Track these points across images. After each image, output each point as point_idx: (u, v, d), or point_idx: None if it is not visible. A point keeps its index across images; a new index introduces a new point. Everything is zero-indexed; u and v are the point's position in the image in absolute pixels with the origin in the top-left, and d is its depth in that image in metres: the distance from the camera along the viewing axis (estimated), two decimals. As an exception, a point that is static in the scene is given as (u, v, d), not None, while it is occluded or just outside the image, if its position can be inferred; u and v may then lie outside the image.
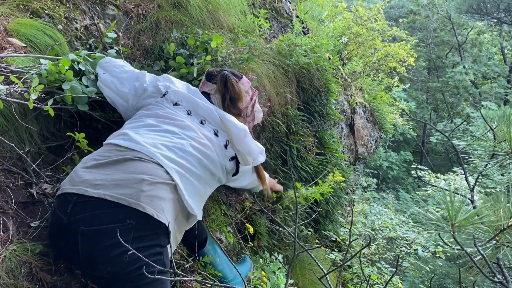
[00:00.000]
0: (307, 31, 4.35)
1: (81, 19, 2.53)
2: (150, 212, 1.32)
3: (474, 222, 1.04)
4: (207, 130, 1.75)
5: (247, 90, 2.00)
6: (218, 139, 1.75)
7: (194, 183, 1.57)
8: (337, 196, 3.80)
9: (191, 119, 1.76)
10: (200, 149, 1.64)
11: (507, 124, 1.40)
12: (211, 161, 1.67)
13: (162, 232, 1.37)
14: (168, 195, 1.43)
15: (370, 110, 5.37)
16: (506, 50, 18.23)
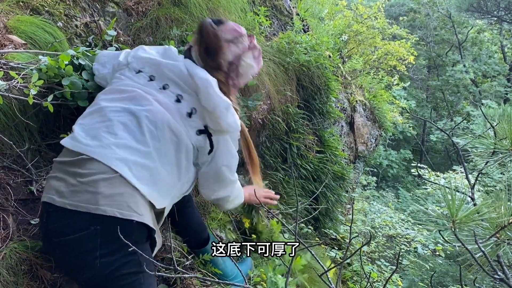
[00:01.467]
0: (307, 29, 4.35)
1: (81, 16, 2.53)
2: (112, 214, 1.25)
3: (475, 219, 1.03)
4: (166, 96, 1.52)
5: (231, 39, 1.60)
6: (179, 106, 1.50)
7: (148, 165, 1.37)
8: (337, 194, 3.80)
9: (151, 85, 1.54)
10: (151, 119, 1.42)
11: (508, 121, 1.40)
12: (169, 130, 1.44)
13: (134, 228, 1.28)
14: (127, 188, 1.31)
15: (370, 108, 5.37)
16: (506, 49, 18.22)
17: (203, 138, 1.52)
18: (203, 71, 1.54)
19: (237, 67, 1.61)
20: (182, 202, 2.00)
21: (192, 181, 1.63)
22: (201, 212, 2.51)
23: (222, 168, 1.60)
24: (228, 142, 1.58)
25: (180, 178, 1.51)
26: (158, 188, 1.40)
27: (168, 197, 1.49)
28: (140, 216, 1.30)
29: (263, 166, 3.22)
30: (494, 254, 1.10)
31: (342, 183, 3.93)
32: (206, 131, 1.52)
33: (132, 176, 1.32)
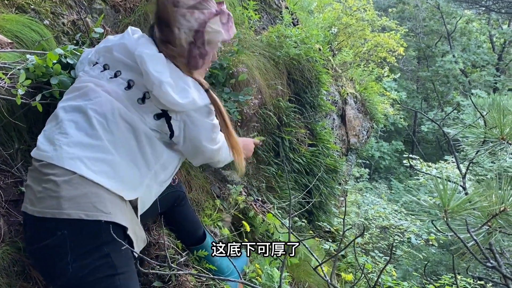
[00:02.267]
0: (296, 22, 4.34)
1: (68, 14, 2.50)
2: (77, 216, 1.21)
3: (467, 208, 1.04)
4: (116, 84, 1.42)
5: (194, 5, 1.42)
6: (130, 93, 1.41)
7: (105, 158, 1.30)
8: (330, 186, 3.81)
9: (104, 75, 1.45)
10: (99, 111, 1.35)
11: (498, 110, 1.41)
12: (122, 120, 1.36)
13: (103, 228, 1.23)
14: (90, 187, 1.25)
15: (361, 101, 5.38)
16: (495, 38, 18.35)
17: (162, 123, 1.44)
18: (145, 46, 1.42)
19: (203, 34, 1.44)
20: (176, 201, 1.99)
21: (171, 166, 1.56)
22: (195, 209, 2.51)
23: (200, 144, 1.53)
24: (195, 118, 1.47)
25: (150, 167, 1.44)
26: (122, 180, 1.33)
27: (139, 187, 1.41)
28: (108, 215, 1.25)
29: (256, 161, 3.22)
30: (487, 242, 1.11)
31: (334, 176, 3.94)
32: (164, 114, 1.43)
33: (89, 172, 1.26)
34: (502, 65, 17.79)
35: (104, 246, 1.25)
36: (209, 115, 1.52)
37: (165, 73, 1.39)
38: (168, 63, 1.44)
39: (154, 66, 1.38)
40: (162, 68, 1.40)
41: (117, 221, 1.27)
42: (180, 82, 1.42)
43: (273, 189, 3.23)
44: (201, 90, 1.48)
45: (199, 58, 1.48)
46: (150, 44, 1.45)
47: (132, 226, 1.37)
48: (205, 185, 2.71)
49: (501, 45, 18.31)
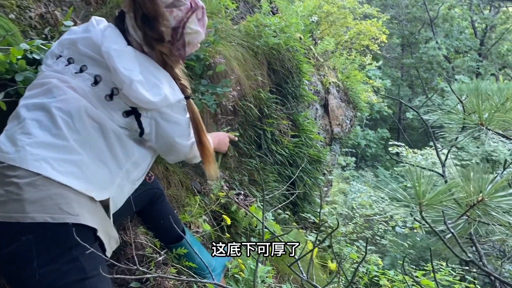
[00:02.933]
0: (276, 11, 4.27)
1: (36, 7, 2.40)
2: (42, 220, 1.14)
3: (443, 200, 1.00)
4: (82, 80, 1.34)
5: (172, 3, 1.38)
6: (97, 89, 1.34)
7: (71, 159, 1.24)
8: (314, 177, 3.78)
9: (68, 70, 1.37)
10: (64, 110, 1.27)
11: (476, 96, 1.37)
12: (88, 118, 1.30)
13: (71, 231, 1.15)
14: (56, 188, 1.19)
15: (344, 90, 5.35)
16: (477, 24, 18.50)
17: (131, 120, 1.38)
18: (112, 42, 1.35)
19: (183, 35, 1.41)
20: (152, 199, 1.93)
21: (143, 164, 1.50)
22: (174, 205, 2.45)
23: (173, 140, 1.48)
24: (168, 114, 1.42)
25: (121, 166, 1.38)
26: (91, 180, 1.27)
27: (110, 187, 1.36)
28: (76, 217, 1.19)
29: (237, 154, 3.16)
30: (466, 232, 1.08)
31: (318, 166, 3.91)
32: (133, 112, 1.37)
33: (55, 172, 1.19)
34: (484, 50, 17.96)
35: (73, 249, 1.19)
36: (183, 111, 1.47)
37: (135, 70, 1.32)
38: (138, 56, 1.38)
39: (123, 63, 1.31)
40: (132, 64, 1.33)
41: (85, 223, 1.21)
42: (152, 78, 1.36)
43: (255, 182, 3.18)
44: (175, 85, 1.43)
45: (176, 57, 1.45)
46: (117, 37, 1.38)
47: (103, 227, 1.32)
48: (185, 180, 2.65)
49: (482, 30, 18.47)
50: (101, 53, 1.34)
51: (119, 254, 1.98)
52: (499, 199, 1.00)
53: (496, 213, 0.98)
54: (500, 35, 17.50)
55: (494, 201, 1.00)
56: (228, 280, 2.34)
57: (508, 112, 1.26)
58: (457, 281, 2.86)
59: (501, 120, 1.26)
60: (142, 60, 1.38)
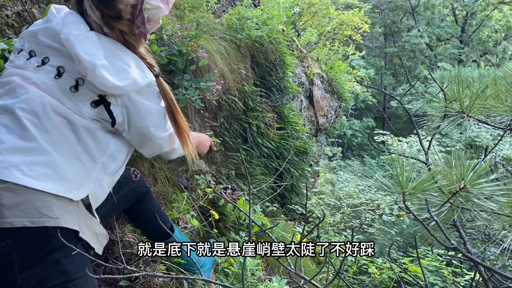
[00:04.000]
0: (257, 3, 4.25)
1: (12, 5, 2.35)
2: (21, 224, 1.11)
3: (425, 189, 1.01)
4: (45, 73, 1.28)
5: None
6: (61, 81, 1.26)
7: (43, 160, 1.20)
8: (300, 169, 3.79)
9: (30, 64, 1.30)
10: (29, 110, 1.22)
11: (457, 83, 1.38)
12: (55, 114, 1.24)
13: (51, 234, 1.14)
14: (32, 192, 1.16)
15: (328, 80, 5.36)
16: (457, 11, 18.69)
17: (101, 110, 1.30)
18: (71, 27, 1.28)
19: (142, 11, 1.33)
20: (139, 197, 1.91)
21: (121, 155, 1.44)
22: (161, 202, 2.43)
23: (148, 130, 1.39)
24: (138, 101, 1.33)
25: (96, 160, 1.33)
26: (67, 179, 1.22)
27: (87, 183, 1.30)
28: (56, 220, 1.16)
29: (224, 148, 3.15)
30: (450, 219, 1.09)
31: (305, 158, 3.93)
32: (102, 100, 1.29)
33: (27, 178, 1.15)
34: (465, 37, 18.17)
35: (54, 252, 1.16)
36: (155, 96, 1.38)
37: (98, 54, 1.24)
38: (103, 41, 1.30)
39: (84, 48, 1.23)
40: (94, 49, 1.25)
41: (65, 226, 1.17)
42: (118, 62, 1.28)
43: (242, 175, 3.18)
44: (145, 67, 1.34)
45: (140, 37, 1.37)
46: (78, 23, 1.30)
47: (88, 226, 1.29)
48: (172, 176, 2.64)
49: (463, 18, 18.67)
50: (62, 42, 1.27)
51: (107, 253, 1.96)
52: (480, 186, 1.01)
53: (477, 199, 0.99)
54: (481, 22, 17.72)
55: (475, 188, 1.01)
56: (218, 274, 2.34)
57: (488, 99, 1.28)
58: (444, 266, 2.91)
59: (482, 107, 1.28)
60: (107, 44, 1.31)
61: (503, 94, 1.26)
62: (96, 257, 1.33)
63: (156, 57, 2.48)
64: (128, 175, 1.84)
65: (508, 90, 1.23)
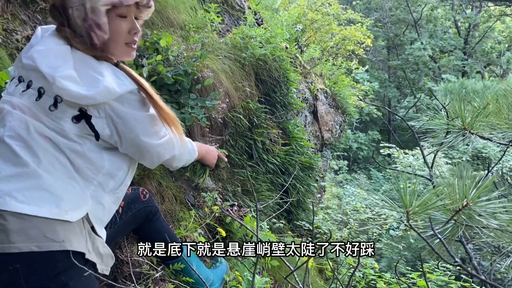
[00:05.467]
0: (261, 21, 4.32)
1: (22, 29, 2.41)
2: (28, 249, 1.13)
3: (429, 208, 1.03)
4: (28, 96, 1.27)
5: None
6: (41, 102, 1.25)
7: (38, 184, 1.20)
8: (306, 184, 3.80)
9: (17, 91, 1.29)
10: (16, 136, 1.22)
11: (459, 100, 1.41)
12: (41, 137, 1.24)
13: (58, 258, 1.17)
14: (33, 218, 1.17)
15: (332, 95, 5.40)
16: (460, 23, 18.77)
17: (83, 125, 1.26)
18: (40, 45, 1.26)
19: (84, 5, 1.24)
20: (147, 216, 1.93)
21: (120, 172, 1.41)
22: (169, 220, 2.45)
23: (139, 139, 1.34)
24: (120, 110, 1.28)
25: (89, 179, 1.31)
26: (63, 199, 1.22)
27: (85, 203, 1.29)
28: (61, 244, 1.17)
29: (229, 165, 3.18)
30: (455, 235, 1.11)
31: (311, 173, 3.94)
32: (83, 115, 1.25)
33: (21, 205, 1.16)
34: (468, 48, 18.21)
35: (61, 275, 1.17)
36: (139, 104, 1.32)
37: (62, 66, 1.22)
38: (75, 52, 1.27)
39: (47, 62, 1.22)
40: (59, 61, 1.23)
41: (71, 248, 1.19)
42: (89, 71, 1.24)
43: (249, 192, 3.19)
44: (123, 76, 1.28)
45: (93, 32, 1.27)
46: (51, 39, 1.28)
47: (94, 247, 1.30)
48: (178, 194, 2.66)
49: (466, 29, 18.74)
50: None
51: (116, 273, 1.98)
52: (482, 204, 1.03)
53: (479, 217, 1.01)
54: (483, 33, 17.77)
55: (478, 206, 1.03)
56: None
57: (489, 115, 1.30)
58: (453, 281, 2.89)
59: (483, 124, 1.30)
60: (81, 56, 1.27)
61: (505, 111, 1.28)
62: (105, 277, 1.36)
63: (162, 77, 2.53)
64: (137, 195, 1.86)
65: (510, 108, 1.25)
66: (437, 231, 1.09)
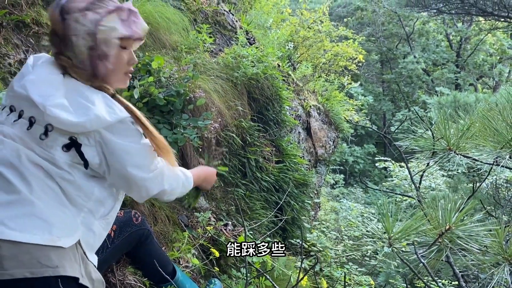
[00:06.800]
0: (253, 41, 4.37)
1: (14, 54, 2.43)
2: (22, 275, 1.13)
3: (410, 233, 1.04)
4: (19, 126, 1.28)
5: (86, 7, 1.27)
6: (32, 131, 1.26)
7: (30, 211, 1.20)
8: (301, 201, 3.81)
9: (9, 120, 1.31)
10: (7, 164, 1.24)
11: (443, 121, 1.43)
12: (33, 165, 1.25)
13: (52, 283, 1.17)
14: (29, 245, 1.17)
15: (325, 112, 5.44)
16: (451, 36, 19.02)
17: (73, 153, 1.27)
18: (32, 73, 1.28)
19: (96, 35, 1.26)
20: (140, 239, 1.92)
21: (109, 200, 1.41)
22: (162, 242, 2.45)
23: (126, 171, 1.32)
24: (110, 139, 1.28)
25: (79, 207, 1.31)
26: (54, 226, 1.22)
27: (76, 229, 1.29)
28: (55, 269, 1.17)
29: (223, 184, 3.19)
30: (440, 257, 1.12)
31: (305, 190, 3.94)
32: (73, 143, 1.26)
33: (13, 232, 1.16)
34: (461, 61, 18.42)
35: None
36: (130, 134, 1.32)
37: (54, 95, 1.23)
38: (71, 82, 1.29)
39: (39, 90, 1.24)
40: (51, 90, 1.24)
41: (65, 274, 1.19)
42: (80, 100, 1.25)
43: (243, 211, 3.19)
44: (114, 105, 1.29)
45: (100, 62, 1.30)
46: (44, 67, 1.31)
47: (86, 272, 1.30)
48: (172, 215, 2.66)
49: (458, 43, 18.97)
50: None
51: (108, 297, 1.97)
52: (464, 227, 1.04)
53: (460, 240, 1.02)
54: (475, 46, 17.99)
55: (460, 229, 1.04)
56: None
57: (473, 136, 1.32)
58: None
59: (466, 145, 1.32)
60: (75, 85, 1.29)
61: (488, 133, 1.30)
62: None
63: (154, 98, 2.55)
64: (129, 218, 1.85)
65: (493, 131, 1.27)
66: (423, 253, 1.10)
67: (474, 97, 7.96)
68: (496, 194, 4.31)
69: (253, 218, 3.25)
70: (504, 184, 7.27)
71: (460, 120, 1.55)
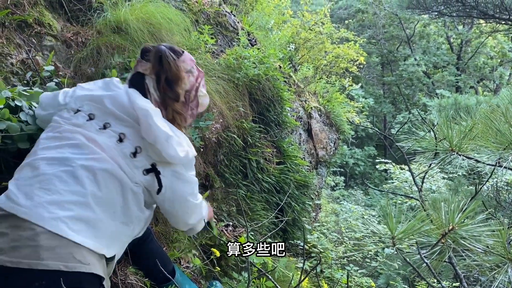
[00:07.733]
0: (254, 42, 4.37)
1: (16, 53, 2.44)
2: (56, 267, 1.17)
3: (413, 233, 1.04)
4: (107, 136, 1.42)
5: (189, 70, 1.59)
6: (122, 146, 1.41)
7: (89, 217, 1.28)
8: (301, 202, 3.80)
9: (91, 126, 1.43)
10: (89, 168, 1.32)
11: (445, 122, 1.43)
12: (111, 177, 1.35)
13: (82, 279, 1.22)
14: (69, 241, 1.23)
15: (326, 113, 5.44)
16: (452, 39, 19.01)
17: (151, 178, 1.44)
18: (144, 100, 1.48)
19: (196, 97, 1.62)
20: (141, 238, 1.94)
21: (144, 223, 1.55)
22: (163, 242, 2.45)
23: (186, 199, 1.54)
24: (180, 173, 1.49)
25: (130, 224, 1.43)
26: (103, 237, 1.32)
27: (117, 244, 1.42)
28: (88, 266, 1.23)
29: (224, 185, 3.18)
30: (443, 258, 1.12)
31: (306, 191, 3.94)
32: (153, 169, 1.44)
33: (72, 232, 1.23)
34: (461, 64, 18.42)
35: None
36: (192, 168, 1.56)
37: (167, 126, 1.44)
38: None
39: (159, 120, 1.42)
40: (164, 122, 1.45)
41: (95, 272, 1.25)
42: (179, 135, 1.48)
43: (244, 211, 3.19)
44: (190, 142, 1.52)
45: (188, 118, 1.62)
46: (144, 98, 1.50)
47: (107, 277, 1.36)
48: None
49: (458, 45, 18.97)
50: (128, 112, 1.45)
51: (109, 297, 1.97)
52: (467, 227, 1.04)
53: (464, 241, 1.02)
54: (476, 49, 17.99)
55: (463, 229, 1.04)
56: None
57: (475, 137, 1.32)
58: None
59: (470, 145, 1.32)
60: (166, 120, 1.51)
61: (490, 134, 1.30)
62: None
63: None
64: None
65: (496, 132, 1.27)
66: (426, 253, 1.10)
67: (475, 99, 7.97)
68: (497, 197, 4.31)
69: (254, 219, 3.24)
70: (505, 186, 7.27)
71: (461, 122, 1.56)
